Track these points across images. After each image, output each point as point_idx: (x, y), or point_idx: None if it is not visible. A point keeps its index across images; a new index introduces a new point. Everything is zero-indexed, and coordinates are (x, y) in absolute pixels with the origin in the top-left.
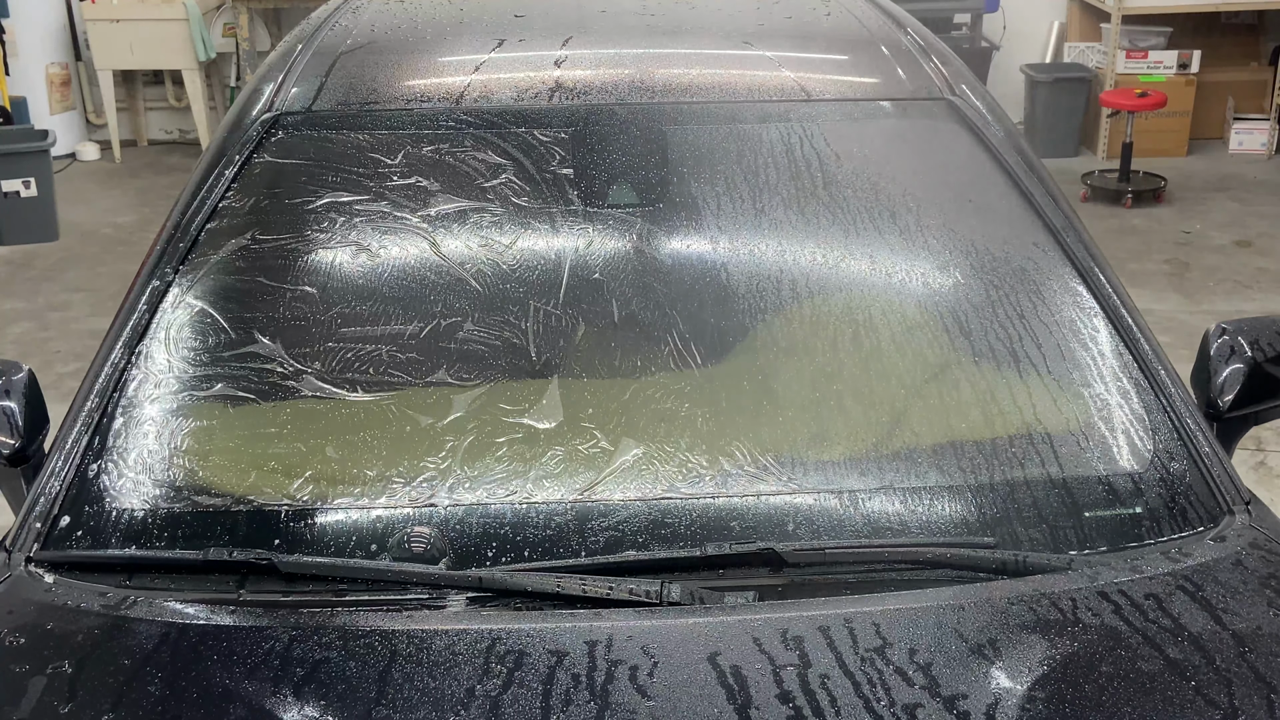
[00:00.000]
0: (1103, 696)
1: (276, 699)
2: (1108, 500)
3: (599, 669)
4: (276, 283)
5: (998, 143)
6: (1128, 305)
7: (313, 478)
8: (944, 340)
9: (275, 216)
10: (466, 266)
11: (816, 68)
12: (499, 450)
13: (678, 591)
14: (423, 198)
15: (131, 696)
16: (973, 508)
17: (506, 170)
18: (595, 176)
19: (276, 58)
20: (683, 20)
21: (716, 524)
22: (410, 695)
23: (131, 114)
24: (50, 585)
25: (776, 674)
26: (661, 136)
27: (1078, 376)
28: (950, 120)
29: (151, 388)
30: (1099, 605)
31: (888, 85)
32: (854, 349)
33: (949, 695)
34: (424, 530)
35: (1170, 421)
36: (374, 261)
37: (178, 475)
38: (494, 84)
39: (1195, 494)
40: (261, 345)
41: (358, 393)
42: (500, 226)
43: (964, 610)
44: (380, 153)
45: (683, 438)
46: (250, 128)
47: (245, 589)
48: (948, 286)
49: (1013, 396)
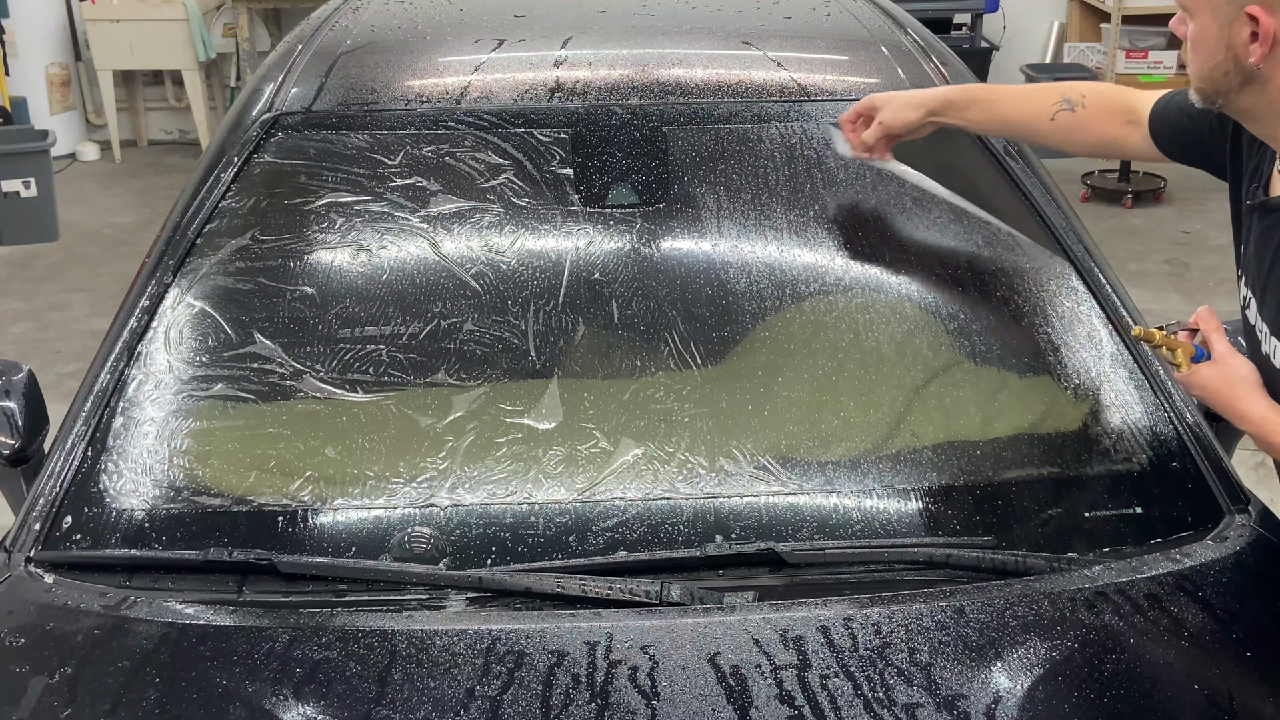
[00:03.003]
0: (1103, 696)
1: (276, 699)
2: (1108, 500)
3: (599, 669)
4: (276, 283)
5: (998, 143)
6: (1128, 305)
7: (313, 478)
8: (944, 340)
9: (275, 217)
10: (466, 267)
11: (816, 68)
12: (499, 451)
13: (678, 591)
14: (423, 198)
15: (131, 697)
16: (972, 508)
17: (506, 171)
18: (595, 177)
19: (276, 58)
20: (683, 20)
21: (716, 524)
22: (410, 695)
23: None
24: (50, 585)
25: (776, 674)
26: (661, 137)
27: (1077, 377)
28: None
29: (151, 388)
30: (1099, 605)
31: (888, 85)
32: (854, 349)
33: (949, 695)
34: (424, 530)
35: (1170, 421)
36: (374, 262)
37: (178, 476)
38: (494, 84)
39: (1195, 494)
40: (261, 346)
41: (358, 393)
42: (500, 227)
43: (964, 610)
44: (380, 153)
45: (683, 438)
46: (250, 128)
47: (245, 589)
48: (948, 287)
49: (1012, 397)
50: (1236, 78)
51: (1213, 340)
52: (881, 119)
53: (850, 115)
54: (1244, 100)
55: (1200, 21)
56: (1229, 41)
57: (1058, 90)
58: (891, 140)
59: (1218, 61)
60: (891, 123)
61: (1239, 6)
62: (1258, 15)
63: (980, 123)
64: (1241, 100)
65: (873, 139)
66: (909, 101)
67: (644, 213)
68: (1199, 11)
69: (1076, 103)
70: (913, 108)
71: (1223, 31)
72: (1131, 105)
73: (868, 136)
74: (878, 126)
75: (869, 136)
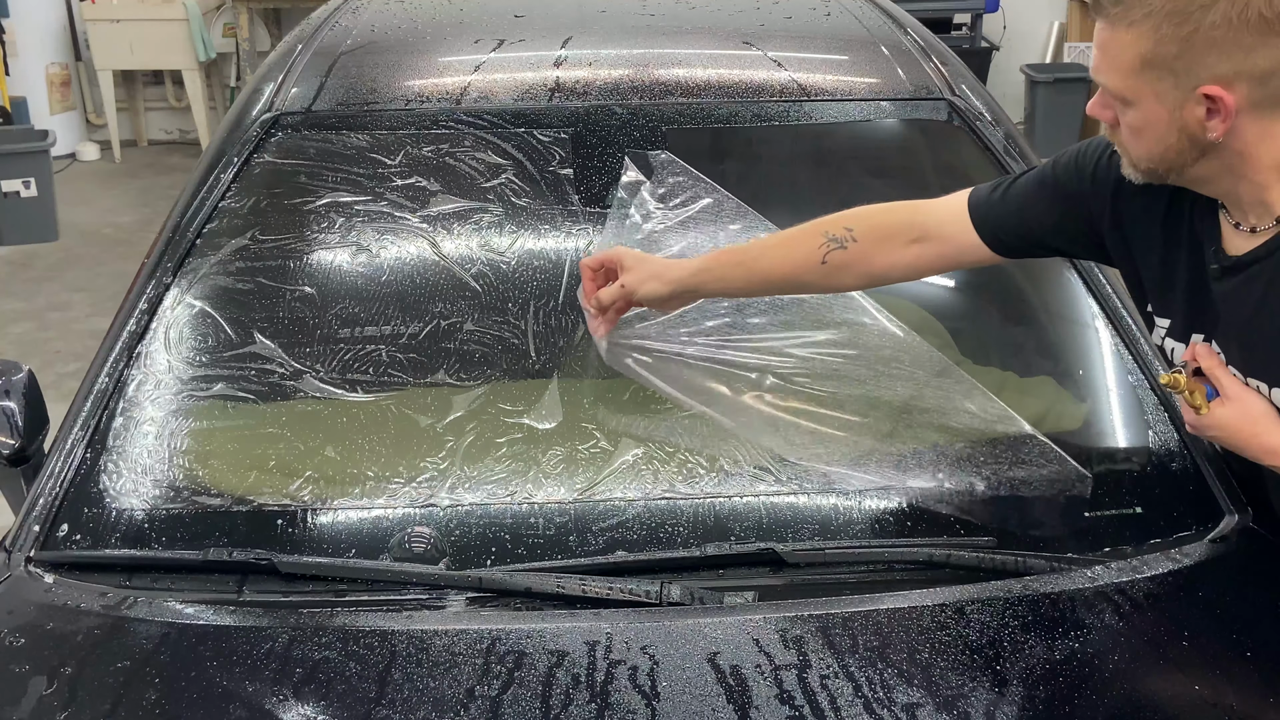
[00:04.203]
0: (1102, 697)
1: (276, 699)
2: (1107, 500)
3: (599, 669)
4: (276, 283)
5: (997, 143)
6: (1127, 305)
7: (313, 478)
8: (944, 340)
9: (275, 217)
10: (466, 267)
11: (816, 68)
12: (499, 451)
13: (678, 591)
14: (423, 198)
15: (131, 697)
16: (972, 508)
17: (506, 170)
18: (595, 177)
19: (276, 58)
20: (683, 20)
21: (716, 524)
22: (410, 695)
23: (131, 114)
24: (50, 585)
25: (776, 674)
26: (661, 137)
27: (1077, 377)
28: (950, 120)
29: (151, 388)
30: (1099, 605)
31: (888, 85)
32: (853, 348)
33: (949, 695)
34: (424, 530)
35: (1170, 421)
36: (374, 262)
37: (177, 475)
38: (494, 84)
39: (1195, 494)
40: (261, 346)
41: (358, 393)
42: (500, 227)
43: (964, 610)
44: (380, 153)
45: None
46: (250, 128)
47: (245, 589)
48: (947, 287)
49: (1012, 397)
50: (1192, 154)
51: (1220, 378)
52: (625, 281)
53: (593, 262)
54: (1199, 170)
55: (1144, 109)
56: (1181, 124)
57: (819, 229)
58: (626, 309)
59: (1170, 144)
60: (635, 289)
61: (1189, 89)
62: (1217, 95)
63: (745, 287)
64: (1197, 170)
65: (609, 299)
66: (659, 274)
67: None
68: (1141, 99)
69: (843, 238)
70: (664, 282)
71: (1174, 115)
72: (910, 223)
73: (605, 295)
74: (619, 289)
75: (606, 295)
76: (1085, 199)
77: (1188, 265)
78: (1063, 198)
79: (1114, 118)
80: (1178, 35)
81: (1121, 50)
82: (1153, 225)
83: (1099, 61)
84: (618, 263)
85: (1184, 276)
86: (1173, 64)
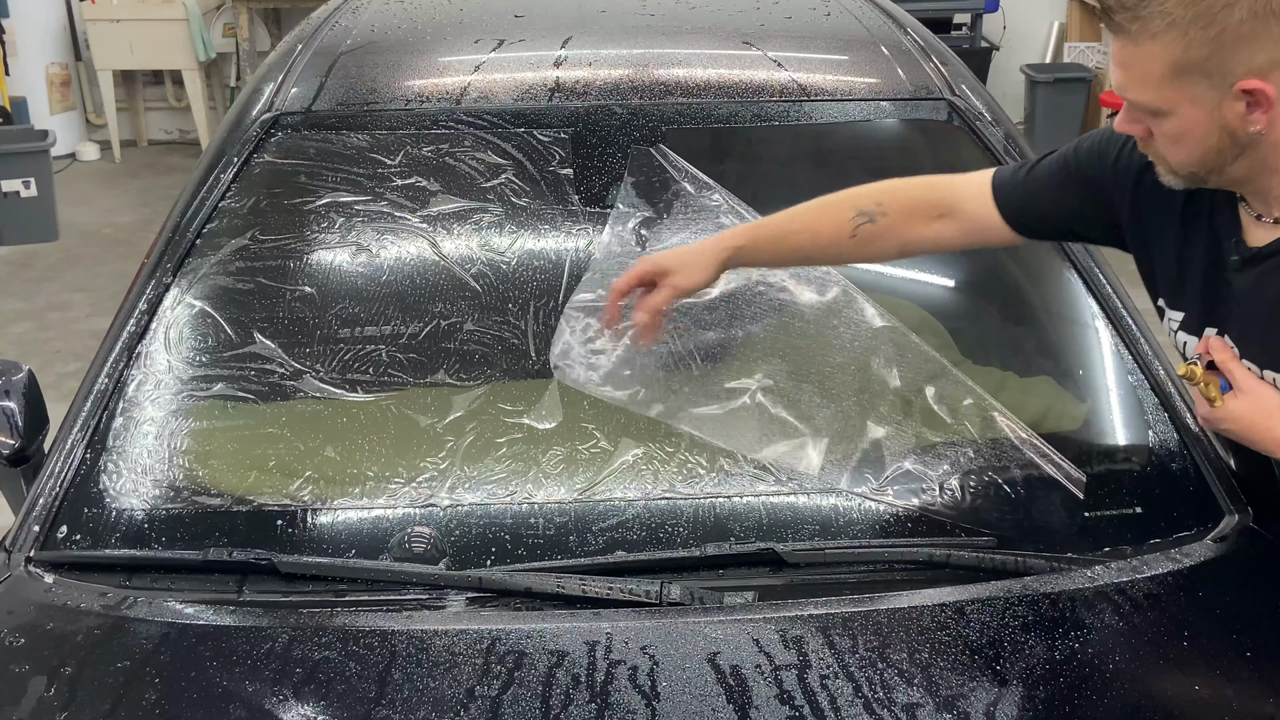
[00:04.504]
0: (1102, 696)
1: (276, 699)
2: (1108, 500)
3: (599, 669)
4: (276, 283)
5: (997, 143)
6: (1128, 305)
7: (313, 478)
8: (944, 340)
9: (275, 217)
10: (466, 267)
11: (816, 68)
12: (499, 451)
13: (678, 591)
14: (423, 198)
15: (131, 697)
16: (972, 508)
17: (506, 170)
18: (595, 177)
19: (276, 58)
20: (683, 20)
21: (716, 524)
22: (410, 695)
23: (131, 114)
24: (50, 585)
25: (776, 674)
26: (661, 137)
27: (1077, 376)
28: (950, 120)
29: (151, 388)
30: (1099, 605)
31: (888, 85)
32: (853, 348)
33: (949, 695)
34: (424, 530)
35: (1170, 421)
36: (374, 262)
37: (177, 476)
38: (494, 84)
39: (1195, 494)
40: (261, 346)
41: (357, 393)
42: (500, 227)
43: (964, 610)
44: (380, 153)
45: (682, 438)
46: (250, 128)
47: (245, 589)
48: (947, 287)
49: (1012, 397)
50: (1233, 151)
51: (1234, 370)
52: (675, 282)
53: (624, 285)
54: (1238, 169)
55: (1181, 115)
56: (1222, 123)
57: (850, 203)
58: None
59: (1210, 145)
60: (686, 285)
61: (1226, 87)
62: (1256, 87)
63: (778, 260)
64: (1235, 169)
65: (663, 303)
66: (698, 263)
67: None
68: (1177, 107)
69: (874, 212)
70: (704, 268)
71: (1213, 116)
72: (936, 199)
73: (657, 302)
74: (669, 291)
75: (659, 302)
76: (1106, 186)
77: (1205, 259)
78: (1084, 183)
79: (1145, 130)
80: (1206, 37)
81: (1149, 63)
82: (1171, 218)
83: (1123, 79)
84: (658, 272)
85: (1200, 270)
86: (1205, 66)
